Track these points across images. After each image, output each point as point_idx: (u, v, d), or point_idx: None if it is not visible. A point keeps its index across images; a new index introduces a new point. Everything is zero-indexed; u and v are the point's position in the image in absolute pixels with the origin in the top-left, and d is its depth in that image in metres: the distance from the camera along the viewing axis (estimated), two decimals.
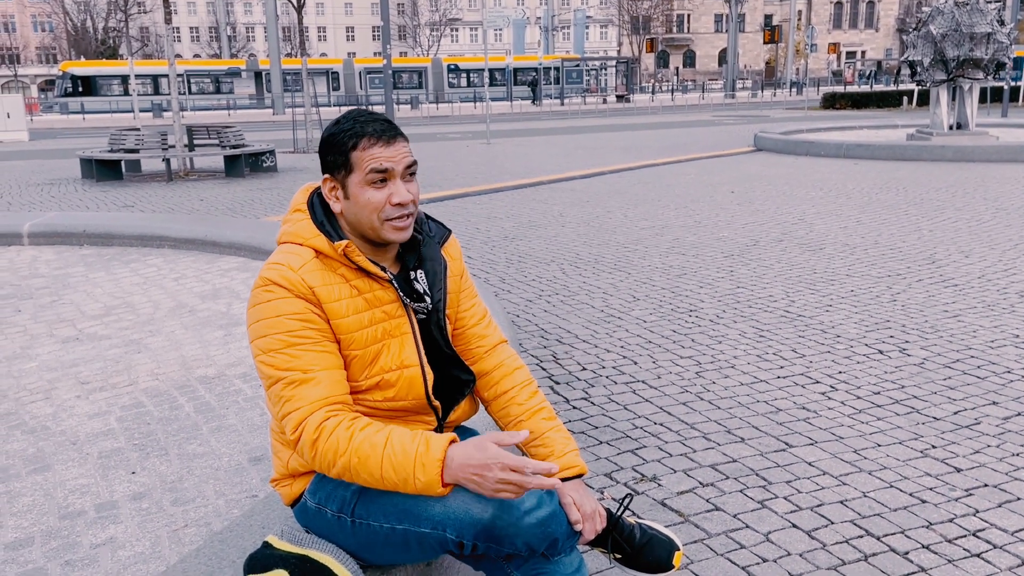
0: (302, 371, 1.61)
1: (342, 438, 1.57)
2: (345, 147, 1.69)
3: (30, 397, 3.51)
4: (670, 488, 2.88)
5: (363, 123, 1.69)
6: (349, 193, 1.71)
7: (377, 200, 1.68)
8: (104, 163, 13.46)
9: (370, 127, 1.69)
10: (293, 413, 1.60)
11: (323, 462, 1.60)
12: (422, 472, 1.53)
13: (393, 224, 1.70)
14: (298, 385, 1.61)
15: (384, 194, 1.69)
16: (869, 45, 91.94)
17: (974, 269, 6.04)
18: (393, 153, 1.69)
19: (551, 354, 4.37)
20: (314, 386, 1.61)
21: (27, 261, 6.38)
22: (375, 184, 1.68)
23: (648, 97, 53.48)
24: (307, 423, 1.59)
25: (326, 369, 1.64)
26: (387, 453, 1.55)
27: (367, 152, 1.68)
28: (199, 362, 3.91)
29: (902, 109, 32.96)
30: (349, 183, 1.70)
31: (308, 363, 1.62)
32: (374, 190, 1.68)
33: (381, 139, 1.68)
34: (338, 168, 1.71)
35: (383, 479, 1.56)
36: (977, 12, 14.25)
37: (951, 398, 3.66)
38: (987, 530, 2.58)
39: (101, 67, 49.44)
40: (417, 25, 78.53)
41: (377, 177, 1.68)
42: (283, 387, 1.62)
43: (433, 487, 1.53)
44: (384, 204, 1.69)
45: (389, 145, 1.69)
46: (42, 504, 2.57)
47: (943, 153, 13.89)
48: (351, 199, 1.71)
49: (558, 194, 10.73)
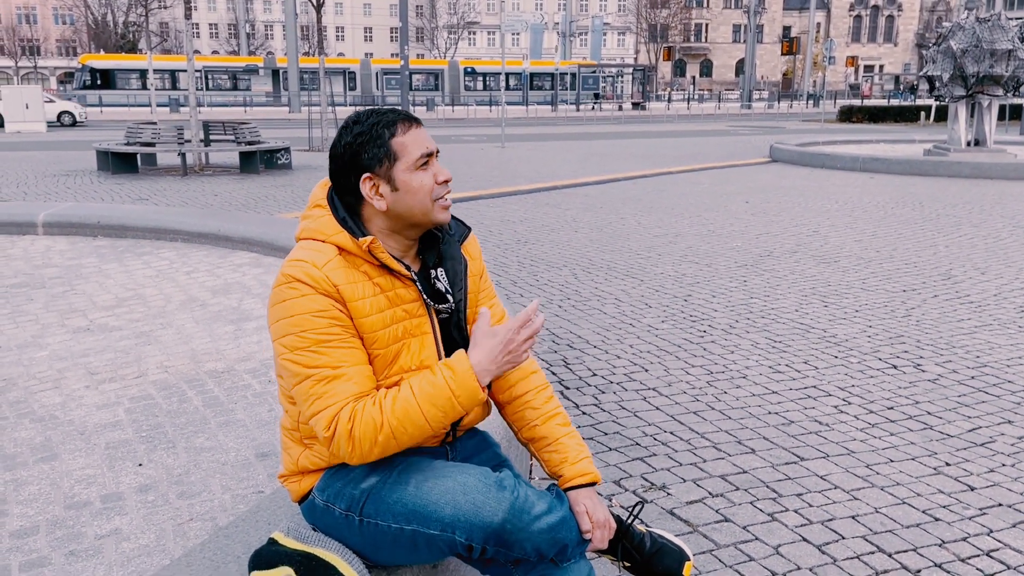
0: (331, 368, 1.59)
1: (373, 411, 1.57)
2: (383, 138, 1.67)
3: (39, 386, 3.51)
4: (679, 497, 2.85)
5: (385, 113, 1.70)
6: (398, 183, 1.68)
7: (428, 182, 1.69)
8: (120, 156, 13.52)
9: (395, 115, 1.69)
10: (325, 411, 1.58)
11: (362, 447, 1.57)
12: (462, 390, 1.58)
13: (441, 203, 1.72)
14: (329, 382, 1.58)
15: (430, 175, 1.69)
16: (887, 59, 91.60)
17: (990, 286, 5.98)
18: (426, 135, 1.72)
19: (562, 359, 4.35)
20: (345, 382, 1.59)
21: (41, 251, 6.40)
22: (422, 167, 1.69)
23: (664, 105, 53.45)
24: (340, 416, 1.57)
25: (355, 365, 1.62)
26: (420, 397, 1.58)
27: (408, 135, 1.68)
28: (209, 356, 3.91)
29: (919, 124, 32.79)
30: (395, 172, 1.68)
31: (337, 360, 1.60)
32: (422, 173, 1.69)
33: (411, 123, 1.70)
34: (380, 161, 1.67)
35: (429, 422, 1.58)
36: (998, 29, 14.16)
37: (966, 415, 3.61)
38: (1001, 550, 2.54)
39: (120, 61, 49.77)
40: (435, 27, 78.68)
41: (424, 159, 1.69)
42: (312, 385, 1.59)
43: (477, 395, 1.59)
44: (433, 185, 1.69)
45: (420, 128, 1.72)
46: (48, 493, 2.56)
47: (960, 169, 13.79)
48: (401, 188, 1.68)
49: (571, 199, 10.71)
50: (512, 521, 1.54)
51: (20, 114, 25.21)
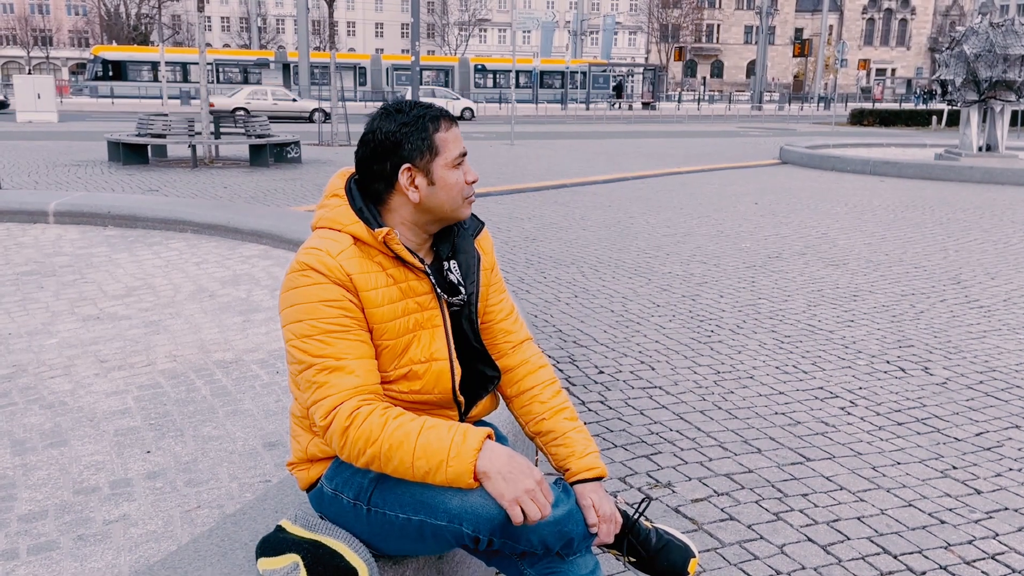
0: (335, 358, 1.59)
1: (375, 425, 1.56)
2: (427, 131, 1.69)
3: (49, 373, 3.52)
4: (684, 495, 2.85)
5: (428, 107, 1.72)
6: (435, 178, 1.69)
7: (461, 180, 1.72)
8: (131, 147, 13.58)
9: (437, 111, 1.72)
10: (324, 400, 1.58)
11: (352, 450, 1.58)
12: (457, 460, 1.53)
13: (469, 200, 1.75)
14: (331, 372, 1.59)
15: (462, 173, 1.73)
16: (900, 63, 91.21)
17: (1000, 291, 5.96)
18: (459, 135, 1.75)
19: (568, 356, 4.35)
20: (347, 374, 1.59)
21: (52, 239, 6.43)
22: (458, 166, 1.72)
23: (674, 105, 53.32)
24: (339, 410, 1.57)
25: (360, 358, 1.62)
26: (421, 440, 1.54)
27: (450, 132, 1.71)
28: (217, 346, 3.92)
29: (931, 129, 32.65)
30: (434, 167, 1.69)
31: (342, 351, 1.60)
32: (457, 171, 1.71)
33: (451, 122, 1.73)
34: (422, 154, 1.68)
35: (413, 466, 1.55)
36: (1012, 34, 14.09)
37: (973, 419, 3.61)
38: (1007, 554, 2.53)
39: (132, 52, 49.91)
40: (446, 24, 78.66)
41: (459, 160, 1.72)
42: (315, 373, 1.60)
43: (464, 477, 1.53)
44: (464, 183, 1.73)
45: (457, 127, 1.75)
46: (57, 478, 2.57)
47: (971, 174, 13.74)
48: (437, 183, 1.70)
49: (580, 197, 10.71)
50: None
51: (32, 103, 25.30)
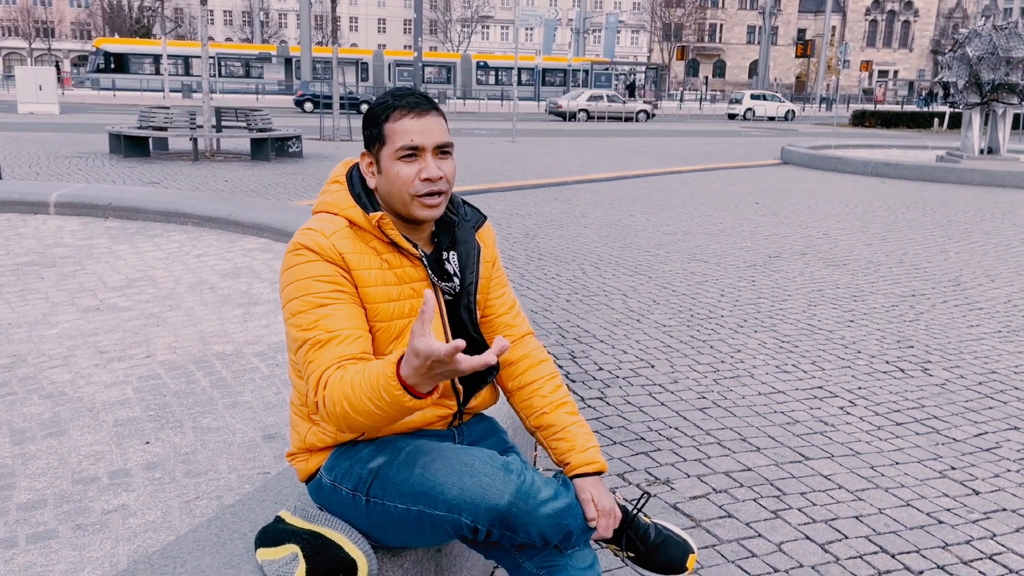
0: (327, 331, 1.59)
1: (335, 386, 1.51)
2: (379, 119, 1.70)
3: (49, 363, 3.52)
4: (683, 492, 2.85)
5: (398, 96, 1.70)
6: (382, 167, 1.71)
7: (407, 175, 1.67)
8: (132, 139, 13.57)
9: (404, 100, 1.69)
10: (314, 374, 1.57)
11: (332, 418, 1.53)
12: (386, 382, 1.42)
13: (422, 201, 1.68)
14: (323, 346, 1.58)
15: (414, 169, 1.67)
16: (902, 65, 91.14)
17: (1000, 294, 5.96)
18: (423, 127, 1.67)
19: (568, 353, 4.35)
20: (336, 345, 1.58)
21: (52, 230, 6.42)
22: (405, 159, 1.67)
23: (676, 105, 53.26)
24: (324, 380, 1.55)
25: (350, 329, 1.61)
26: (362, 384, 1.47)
27: (398, 124, 1.68)
28: (217, 338, 3.92)
29: (932, 131, 32.64)
30: (382, 156, 1.70)
31: (333, 324, 1.60)
32: (404, 164, 1.67)
33: (412, 111, 1.68)
34: (373, 141, 1.72)
35: (371, 409, 1.46)
36: (1015, 37, 14.08)
37: (972, 420, 3.61)
38: (1004, 554, 2.53)
39: (134, 45, 49.87)
40: (448, 21, 78.58)
41: (406, 152, 1.67)
42: (308, 349, 1.59)
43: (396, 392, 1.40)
44: (414, 179, 1.67)
45: (420, 118, 1.68)
46: (56, 468, 2.57)
47: (972, 177, 13.74)
48: (383, 173, 1.71)
49: (581, 195, 10.70)
50: (518, 505, 1.54)
51: (33, 95, 25.27)
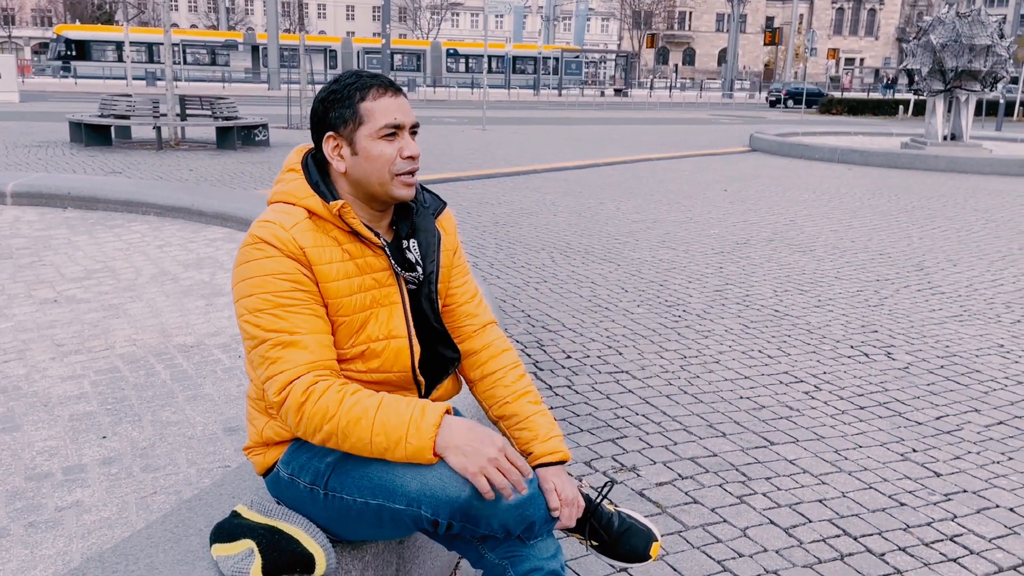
0: (289, 333, 1.56)
1: (332, 401, 1.52)
2: (352, 100, 1.64)
3: (3, 357, 3.44)
4: (649, 479, 2.85)
5: (368, 77, 1.66)
6: (358, 148, 1.65)
7: (389, 153, 1.64)
8: (93, 128, 13.28)
9: (376, 80, 1.66)
10: (279, 376, 1.54)
11: (308, 427, 1.54)
12: (415, 435, 1.50)
13: (403, 179, 1.66)
14: (285, 347, 1.55)
15: (395, 147, 1.65)
16: (868, 53, 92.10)
17: (962, 278, 6.04)
18: (400, 105, 1.66)
19: (536, 340, 4.34)
20: (301, 349, 1.55)
21: (9, 221, 6.27)
22: (386, 137, 1.64)
23: (646, 92, 53.41)
24: (294, 386, 1.53)
25: (314, 332, 1.58)
26: (380, 416, 1.51)
27: (378, 102, 1.64)
28: (178, 330, 3.85)
29: (898, 118, 33.05)
30: (358, 137, 1.65)
31: (295, 325, 1.56)
32: (385, 143, 1.64)
33: (389, 90, 1.65)
34: (345, 122, 1.65)
35: (372, 443, 1.52)
36: (978, 24, 14.26)
37: (934, 403, 3.65)
38: (964, 535, 2.57)
39: (96, 32, 48.86)
40: (418, 8, 77.94)
41: (389, 130, 1.64)
42: (268, 348, 1.55)
43: (424, 452, 1.50)
44: (395, 158, 1.65)
45: (396, 96, 1.66)
46: (8, 464, 2.51)
47: (936, 163, 13.93)
48: (360, 154, 1.65)
49: (551, 183, 10.68)
50: (479, 497, 1.52)
51: None
